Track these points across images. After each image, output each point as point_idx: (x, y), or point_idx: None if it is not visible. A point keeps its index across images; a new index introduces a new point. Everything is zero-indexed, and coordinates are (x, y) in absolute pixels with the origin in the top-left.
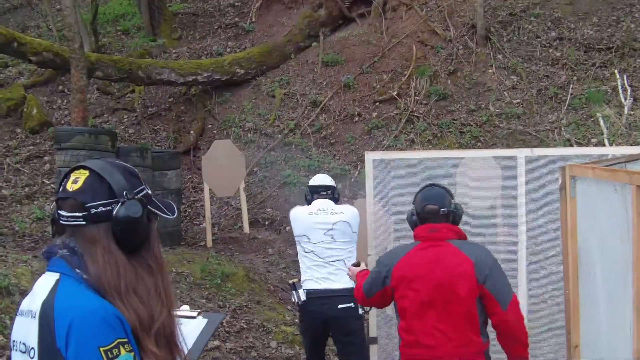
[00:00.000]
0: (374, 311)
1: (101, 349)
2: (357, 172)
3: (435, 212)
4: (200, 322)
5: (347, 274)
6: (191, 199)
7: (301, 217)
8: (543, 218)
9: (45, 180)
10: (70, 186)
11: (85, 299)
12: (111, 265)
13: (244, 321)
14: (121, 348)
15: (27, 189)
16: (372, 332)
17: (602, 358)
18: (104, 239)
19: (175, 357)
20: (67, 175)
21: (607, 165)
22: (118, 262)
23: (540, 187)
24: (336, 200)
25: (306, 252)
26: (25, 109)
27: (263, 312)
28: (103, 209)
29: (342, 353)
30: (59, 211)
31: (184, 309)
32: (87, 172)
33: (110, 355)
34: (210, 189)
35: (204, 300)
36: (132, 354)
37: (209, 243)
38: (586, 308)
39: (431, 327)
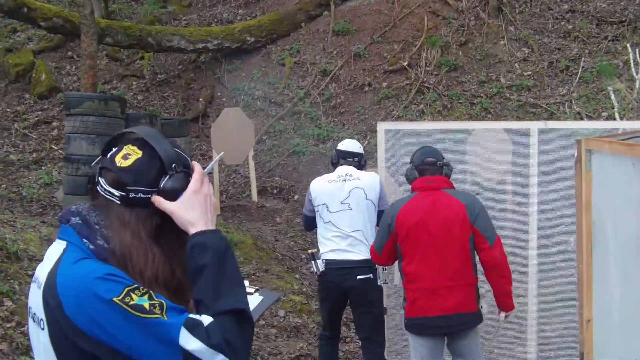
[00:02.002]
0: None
1: (115, 300)
2: (366, 142)
3: (433, 164)
4: (256, 299)
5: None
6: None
7: (320, 186)
8: (552, 191)
9: (53, 146)
10: (119, 161)
11: (85, 266)
12: (140, 251)
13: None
14: (132, 294)
15: (35, 155)
16: (385, 303)
17: (614, 333)
18: (134, 223)
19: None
20: (116, 142)
21: (623, 139)
22: (149, 251)
23: (550, 159)
24: (362, 167)
25: (325, 223)
26: (34, 75)
27: (271, 281)
28: (142, 195)
29: (359, 322)
30: (100, 178)
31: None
32: (140, 153)
33: (126, 301)
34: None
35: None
36: (147, 295)
37: (217, 211)
38: (599, 282)
39: (430, 264)
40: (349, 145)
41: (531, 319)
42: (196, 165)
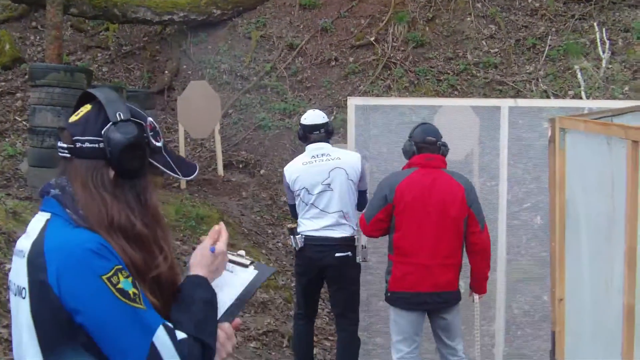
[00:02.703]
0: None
1: (103, 277)
2: (332, 117)
3: (433, 143)
4: (251, 273)
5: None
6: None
7: (296, 170)
8: (519, 169)
9: (17, 117)
10: (72, 118)
11: (74, 235)
12: (93, 201)
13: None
14: (119, 274)
15: None
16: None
17: (586, 311)
18: (84, 175)
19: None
20: (78, 107)
21: (595, 119)
22: (100, 199)
23: (517, 138)
24: (331, 135)
25: (306, 204)
26: None
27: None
28: (89, 145)
29: (335, 299)
30: (58, 142)
31: (240, 253)
32: (89, 107)
33: (113, 281)
34: (185, 130)
35: (179, 242)
36: (131, 279)
37: (183, 185)
38: (570, 261)
39: (425, 241)
40: (313, 117)
41: (499, 297)
42: (223, 231)
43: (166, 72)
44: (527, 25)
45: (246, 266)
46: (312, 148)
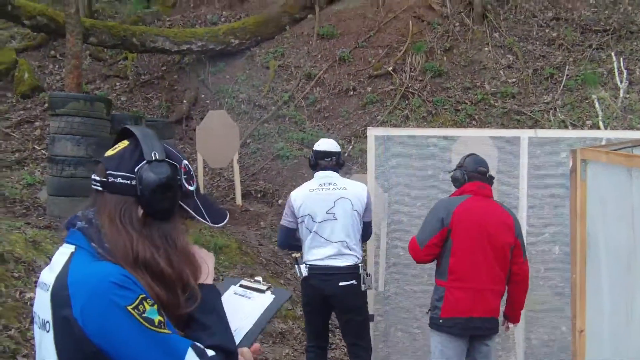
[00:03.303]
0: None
1: (129, 308)
2: (350, 147)
3: (484, 174)
4: (268, 298)
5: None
6: None
7: (303, 196)
8: (537, 199)
9: (35, 146)
10: (109, 152)
11: (98, 268)
12: (119, 235)
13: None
14: (145, 303)
15: (17, 154)
16: (370, 309)
17: (606, 343)
18: (112, 209)
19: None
20: (117, 138)
21: (615, 150)
22: (126, 235)
23: (535, 168)
24: (341, 166)
25: (310, 231)
26: (16, 73)
27: None
28: (121, 180)
29: (344, 329)
30: (93, 174)
31: (257, 279)
32: (127, 143)
33: (139, 311)
34: (203, 160)
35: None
36: (156, 306)
37: None
38: (591, 293)
39: (478, 266)
40: (327, 145)
41: (518, 328)
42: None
43: (184, 101)
44: (544, 55)
45: (263, 291)
46: (321, 176)
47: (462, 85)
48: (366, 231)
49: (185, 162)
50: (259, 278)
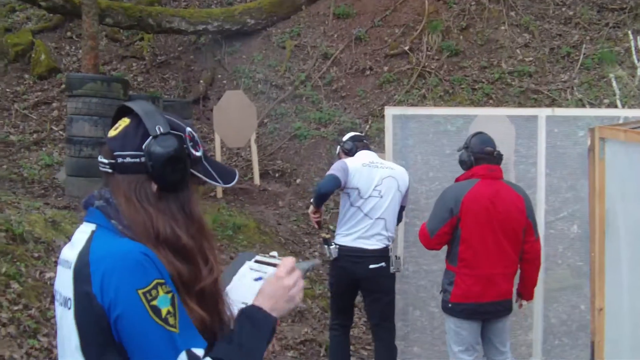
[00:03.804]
0: None
1: (139, 292)
2: (367, 127)
3: (491, 153)
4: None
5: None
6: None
7: (357, 168)
8: (555, 178)
9: (53, 127)
10: (111, 133)
11: (119, 245)
12: (137, 215)
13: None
14: (159, 289)
15: (35, 135)
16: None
17: (625, 321)
18: (126, 190)
19: (224, 321)
20: (116, 120)
21: (634, 128)
22: (145, 213)
23: (552, 146)
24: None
25: (352, 206)
26: (33, 55)
27: None
28: (130, 159)
29: (370, 309)
30: (99, 156)
31: (273, 254)
32: (128, 121)
33: (148, 297)
34: (221, 140)
35: (216, 252)
36: (171, 295)
37: (219, 194)
38: (610, 271)
39: (489, 251)
40: (352, 133)
41: (537, 307)
42: (289, 261)
43: (201, 81)
44: (561, 33)
45: (278, 266)
46: (365, 154)
47: (479, 64)
48: (399, 215)
49: (189, 129)
50: (275, 253)
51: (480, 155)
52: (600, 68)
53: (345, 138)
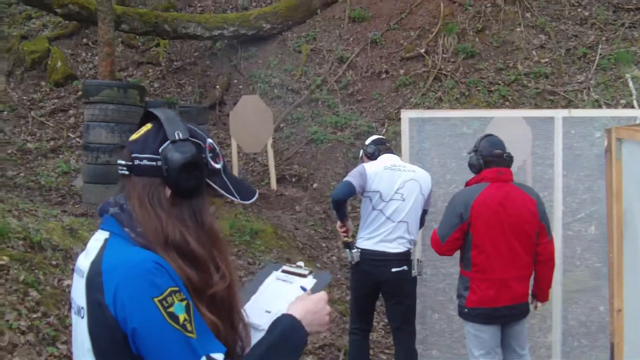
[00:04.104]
0: None
1: (155, 300)
2: (384, 130)
3: (500, 156)
4: (309, 282)
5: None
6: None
7: (377, 171)
8: (572, 179)
9: (70, 134)
10: (133, 136)
11: (131, 254)
12: (149, 218)
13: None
14: (174, 297)
15: (52, 143)
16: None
17: None
18: (140, 192)
19: (237, 329)
20: (141, 125)
21: None
22: (155, 217)
23: (569, 147)
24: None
25: (374, 209)
26: (49, 62)
27: None
28: (147, 162)
29: (391, 312)
30: (119, 159)
31: (299, 264)
32: (150, 126)
33: (165, 304)
34: (237, 145)
35: (233, 257)
36: (185, 302)
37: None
38: (629, 272)
39: (502, 255)
40: (375, 136)
41: (555, 309)
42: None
43: (217, 87)
44: (577, 34)
45: (305, 276)
46: (388, 157)
47: (495, 66)
48: (422, 219)
49: (210, 140)
50: (301, 263)
51: (490, 158)
52: (617, 68)
53: (367, 141)
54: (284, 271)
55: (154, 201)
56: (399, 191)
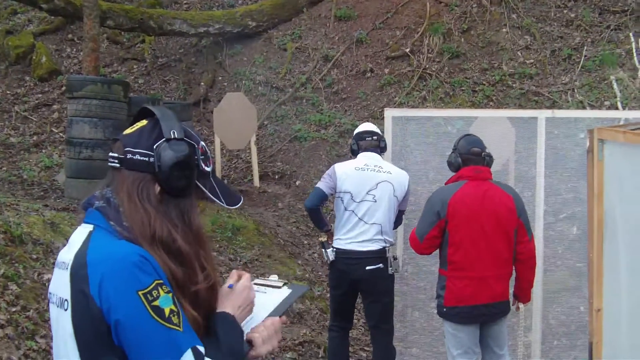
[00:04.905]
0: None
1: (140, 293)
2: None
3: (478, 154)
4: (284, 292)
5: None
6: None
7: (347, 172)
8: (555, 180)
9: (53, 129)
10: (127, 130)
11: (117, 247)
12: (136, 212)
13: (255, 275)
14: (160, 289)
15: (35, 137)
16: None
17: (623, 322)
18: (130, 186)
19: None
20: (136, 118)
21: (633, 129)
22: (144, 212)
23: (552, 148)
24: (383, 150)
25: (346, 210)
26: (34, 57)
27: (274, 266)
28: (139, 157)
29: (368, 310)
30: (110, 152)
31: (272, 279)
32: (145, 122)
33: (150, 298)
34: (221, 142)
35: (215, 253)
36: (172, 294)
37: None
38: (608, 272)
39: (480, 253)
40: (365, 126)
41: (535, 308)
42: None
43: (202, 83)
44: (562, 35)
45: (279, 287)
46: (366, 156)
47: (480, 66)
48: (398, 219)
49: (203, 143)
50: (274, 276)
51: (467, 157)
52: (602, 70)
53: (356, 130)
54: (256, 284)
55: (143, 196)
56: (371, 192)
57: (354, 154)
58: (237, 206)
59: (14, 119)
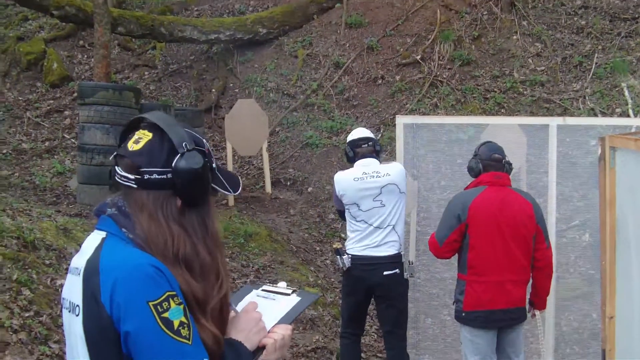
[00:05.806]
0: None
1: (150, 304)
2: (379, 135)
3: (499, 160)
4: (293, 300)
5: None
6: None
7: (347, 183)
8: (567, 187)
9: (65, 135)
10: (131, 145)
11: (130, 255)
12: (159, 232)
13: (267, 281)
14: (171, 301)
15: (47, 143)
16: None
17: (636, 330)
18: (152, 205)
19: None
20: (129, 130)
21: None
22: (168, 231)
23: (564, 156)
24: (378, 154)
25: (357, 221)
26: (45, 63)
27: (286, 273)
28: (157, 176)
29: (383, 316)
30: (116, 167)
31: (281, 286)
32: (150, 135)
33: (159, 309)
34: (232, 148)
35: (227, 260)
36: (183, 306)
37: (231, 202)
38: (621, 280)
39: (499, 259)
40: (359, 132)
41: (548, 315)
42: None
43: (213, 90)
44: (573, 43)
45: (288, 294)
46: (362, 164)
47: (491, 73)
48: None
49: (206, 143)
50: (283, 283)
51: (488, 162)
52: (613, 77)
53: (349, 137)
54: (264, 290)
55: (167, 214)
56: (377, 198)
57: (351, 161)
58: (239, 190)
59: (26, 125)
